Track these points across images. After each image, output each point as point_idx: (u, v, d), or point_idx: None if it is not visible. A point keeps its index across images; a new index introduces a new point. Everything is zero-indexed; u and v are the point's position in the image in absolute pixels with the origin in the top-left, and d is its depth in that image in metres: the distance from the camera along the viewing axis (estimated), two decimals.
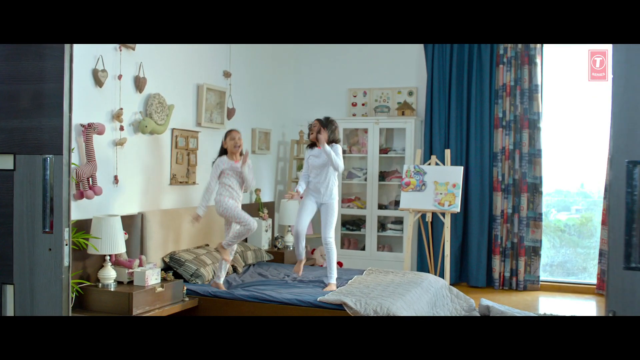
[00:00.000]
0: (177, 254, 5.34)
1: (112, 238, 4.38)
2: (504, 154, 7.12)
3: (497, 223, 7.13)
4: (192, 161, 5.90)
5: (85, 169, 4.49)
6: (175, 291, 4.72)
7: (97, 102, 4.73)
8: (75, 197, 4.53)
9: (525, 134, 7.03)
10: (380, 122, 7.36)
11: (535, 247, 7.08)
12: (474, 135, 7.19)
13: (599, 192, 7.02)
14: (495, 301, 6.32)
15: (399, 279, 5.47)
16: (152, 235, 5.15)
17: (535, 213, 7.06)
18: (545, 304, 6.62)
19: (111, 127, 4.87)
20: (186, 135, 5.81)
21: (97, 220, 4.38)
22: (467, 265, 7.26)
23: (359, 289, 5.03)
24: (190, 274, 5.23)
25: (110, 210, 4.88)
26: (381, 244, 7.54)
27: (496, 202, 7.13)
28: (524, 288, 7.07)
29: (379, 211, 7.45)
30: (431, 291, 5.29)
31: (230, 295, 4.89)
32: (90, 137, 4.54)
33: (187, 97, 5.90)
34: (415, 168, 6.72)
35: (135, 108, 5.16)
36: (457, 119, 7.27)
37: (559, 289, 7.11)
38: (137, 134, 5.19)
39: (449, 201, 6.52)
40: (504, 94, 7.11)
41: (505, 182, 7.13)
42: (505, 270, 7.15)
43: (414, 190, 6.68)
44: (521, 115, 7.04)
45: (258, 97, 7.20)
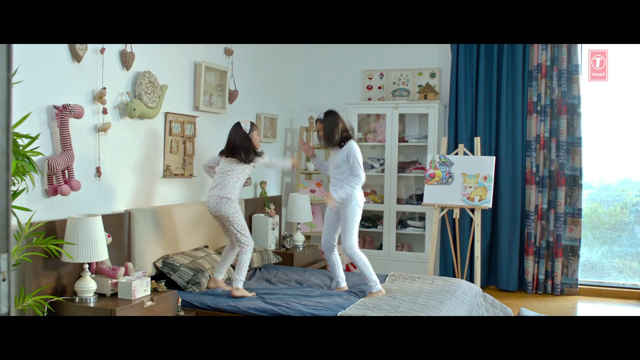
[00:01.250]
0: (170, 258, 4.60)
1: (91, 242, 3.62)
2: (539, 142, 6.37)
3: (531, 220, 6.38)
4: (188, 150, 5.14)
5: (59, 160, 3.74)
6: (168, 304, 3.98)
7: (74, 79, 3.97)
8: (48, 193, 3.78)
9: (563, 120, 6.26)
10: (399, 107, 6.60)
11: (574, 246, 6.34)
12: (505, 122, 6.43)
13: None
14: (531, 308, 5.62)
15: (428, 287, 4.73)
16: (142, 237, 4.41)
17: (573, 209, 6.31)
18: (585, 311, 5.88)
19: (92, 109, 4.12)
20: (182, 120, 5.06)
21: (73, 221, 3.63)
22: (496, 266, 6.53)
23: (384, 300, 4.29)
24: (186, 281, 4.49)
25: (92, 209, 4.14)
26: (400, 242, 6.80)
27: (529, 197, 6.38)
28: (561, 292, 6.33)
29: (398, 206, 6.70)
30: (467, 301, 4.56)
31: (233, 308, 4.14)
32: (65, 121, 3.79)
33: (182, 77, 5.14)
34: (440, 158, 5.97)
35: (122, 88, 4.41)
36: (485, 104, 6.51)
37: (600, 294, 6.38)
38: (124, 119, 4.44)
39: (480, 196, 5.78)
40: (539, 76, 6.33)
41: (539, 174, 6.38)
42: (540, 272, 6.41)
43: (440, 183, 5.93)
44: (558, 100, 6.28)
45: (263, 78, 6.44)
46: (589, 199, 6.63)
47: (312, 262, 6.09)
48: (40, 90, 3.73)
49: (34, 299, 3.28)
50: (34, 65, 3.65)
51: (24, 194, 3.24)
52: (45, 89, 3.76)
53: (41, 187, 3.74)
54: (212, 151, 5.06)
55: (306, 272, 5.27)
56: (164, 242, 4.65)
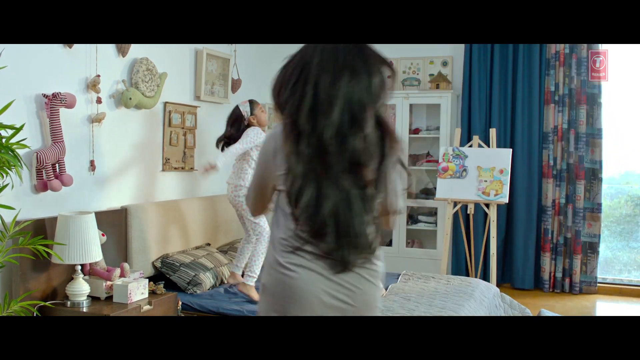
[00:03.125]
0: (170, 257, 4.33)
1: (84, 242, 3.35)
2: (557, 134, 6.07)
3: (548, 215, 6.09)
4: (189, 142, 4.86)
5: (48, 153, 3.46)
6: (167, 308, 3.70)
7: (65, 66, 3.69)
8: (37, 189, 3.51)
9: (582, 111, 5.96)
10: (410, 97, 6.31)
11: (593, 243, 6.05)
12: (521, 112, 6.13)
13: None
14: (549, 308, 5.34)
15: (443, 287, 4.45)
16: (139, 235, 4.13)
17: (593, 203, 6.02)
18: (605, 311, 5.61)
19: (85, 99, 3.84)
20: (182, 110, 4.77)
21: (64, 219, 3.35)
22: (511, 264, 6.25)
23: (398, 303, 4.01)
24: (186, 282, 4.22)
25: (85, 205, 3.86)
26: (410, 238, 6.52)
27: (546, 191, 6.09)
28: (580, 291, 6.05)
29: (409, 201, 6.40)
30: (485, 303, 4.28)
31: (236, 312, 3.87)
32: (56, 111, 3.50)
33: (182, 65, 4.85)
34: (454, 151, 5.68)
35: (117, 76, 4.13)
36: (500, 93, 6.21)
37: (620, 292, 6.09)
38: (120, 108, 4.16)
39: (496, 190, 5.49)
40: (557, 64, 6.03)
41: (557, 167, 6.08)
42: (557, 270, 6.12)
43: (453, 176, 5.65)
44: (578, 89, 5.98)
45: (268, 67, 6.13)
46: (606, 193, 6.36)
47: None
48: (28, 77, 3.44)
49: (21, 305, 3.01)
50: (21, 49, 3.36)
51: (8, 190, 2.96)
52: (34, 75, 3.48)
53: (29, 182, 3.46)
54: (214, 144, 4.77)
55: None
56: (163, 240, 4.37)
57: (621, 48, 6.01)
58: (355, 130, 1.71)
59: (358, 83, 1.72)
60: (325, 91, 1.70)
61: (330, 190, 1.71)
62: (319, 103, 1.70)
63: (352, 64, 1.73)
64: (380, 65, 1.79)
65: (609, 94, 6.06)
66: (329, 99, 1.69)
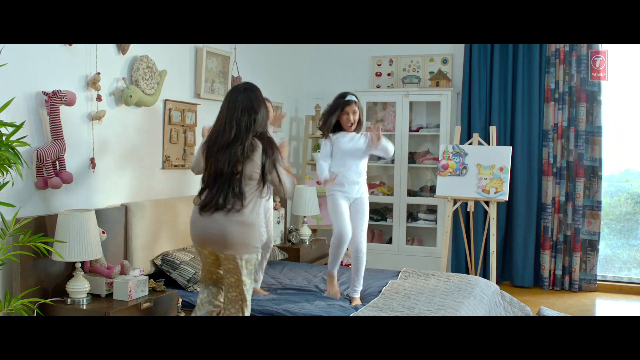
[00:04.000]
0: (170, 255, 4.33)
1: (84, 239, 3.34)
2: (556, 132, 6.08)
3: (547, 213, 6.10)
4: (189, 140, 4.86)
5: (49, 150, 3.46)
6: (168, 306, 3.71)
7: (65, 64, 3.68)
8: (37, 186, 3.51)
9: (582, 109, 5.97)
10: (410, 95, 6.30)
11: (592, 240, 6.06)
12: (521, 110, 6.14)
13: None
14: (548, 305, 5.36)
15: (443, 285, 4.46)
16: (139, 233, 4.13)
17: (592, 201, 6.03)
18: (604, 309, 5.62)
19: (85, 96, 3.84)
20: (182, 108, 4.77)
21: (64, 216, 3.35)
22: (511, 261, 6.26)
23: (398, 301, 4.02)
24: (186, 280, 4.23)
25: (85, 203, 3.86)
26: (410, 236, 6.52)
27: (546, 189, 6.10)
28: (579, 288, 6.06)
29: (409, 198, 6.42)
30: (485, 300, 4.29)
31: None
32: (56, 108, 3.50)
33: (182, 62, 4.85)
34: (454, 148, 5.68)
35: (117, 73, 4.12)
36: (500, 91, 6.22)
37: (620, 290, 6.10)
38: (120, 106, 4.16)
39: (495, 188, 5.49)
40: (557, 61, 6.03)
41: (557, 164, 6.09)
42: (557, 267, 6.13)
43: (453, 174, 5.65)
44: (577, 87, 5.99)
45: (268, 65, 6.14)
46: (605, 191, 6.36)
47: (319, 257, 5.81)
48: (28, 74, 3.44)
49: (21, 302, 3.01)
50: (21, 46, 3.36)
51: (8, 188, 2.96)
52: (34, 73, 3.47)
53: (30, 179, 3.46)
54: None
55: (313, 269, 5.00)
56: (163, 238, 4.37)
57: (621, 48, 6.01)
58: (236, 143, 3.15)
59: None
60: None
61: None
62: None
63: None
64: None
65: (609, 91, 6.06)
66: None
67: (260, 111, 3.27)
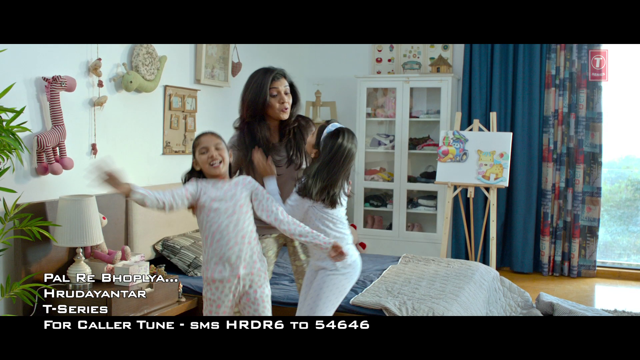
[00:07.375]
0: (171, 240, 4.35)
1: (85, 225, 3.36)
2: (557, 118, 6.07)
3: (547, 199, 6.11)
4: (189, 126, 4.87)
5: (49, 136, 3.47)
6: (168, 291, 3.73)
7: (65, 49, 3.68)
8: (38, 172, 3.52)
9: (582, 95, 5.96)
10: (410, 81, 6.29)
11: (592, 227, 6.07)
12: (521, 96, 6.12)
13: None
14: (547, 291, 5.37)
15: (444, 270, 4.48)
16: (140, 218, 4.15)
17: (592, 187, 6.03)
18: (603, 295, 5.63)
19: (86, 82, 3.84)
20: (182, 94, 4.77)
21: (65, 202, 3.36)
22: (510, 247, 6.27)
23: (398, 285, 4.04)
24: (187, 264, 4.25)
25: (86, 189, 3.86)
26: (410, 222, 6.54)
27: (546, 175, 6.10)
28: (578, 274, 6.08)
29: (409, 184, 6.42)
30: (485, 286, 4.31)
31: None
32: (56, 94, 3.50)
33: (182, 48, 4.84)
34: (454, 134, 5.68)
35: (118, 59, 4.12)
36: (501, 77, 6.20)
37: (619, 276, 6.12)
38: (120, 92, 4.16)
39: (496, 174, 5.50)
40: (558, 47, 6.01)
41: (557, 151, 6.09)
42: (556, 253, 6.15)
43: (453, 160, 5.65)
44: (578, 73, 5.97)
45: (268, 51, 6.13)
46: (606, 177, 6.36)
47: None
48: (28, 60, 3.44)
49: (22, 287, 3.02)
50: None
51: (9, 173, 2.97)
52: (34, 59, 3.47)
53: (30, 165, 3.47)
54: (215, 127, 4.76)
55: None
56: (163, 223, 4.39)
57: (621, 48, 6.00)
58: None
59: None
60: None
61: None
62: None
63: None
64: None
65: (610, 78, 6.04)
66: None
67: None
